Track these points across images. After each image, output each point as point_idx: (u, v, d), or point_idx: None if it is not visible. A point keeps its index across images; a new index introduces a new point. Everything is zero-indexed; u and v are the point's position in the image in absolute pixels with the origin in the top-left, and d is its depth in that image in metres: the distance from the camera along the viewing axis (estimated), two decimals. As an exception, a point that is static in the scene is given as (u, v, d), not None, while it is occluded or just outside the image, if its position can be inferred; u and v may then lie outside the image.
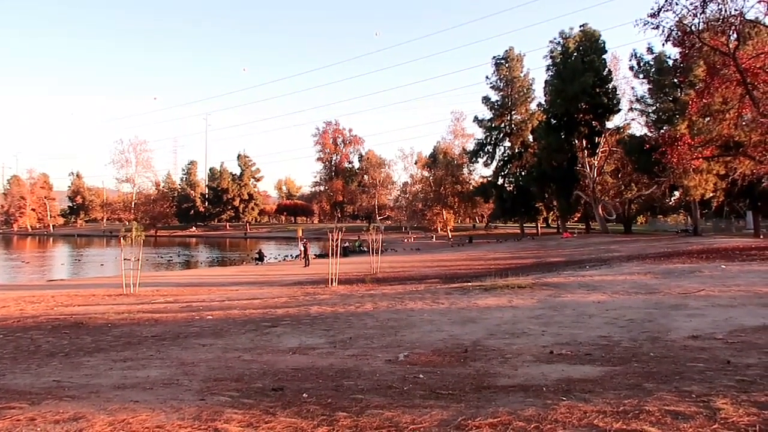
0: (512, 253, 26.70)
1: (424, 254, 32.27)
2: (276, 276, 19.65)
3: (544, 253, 24.64)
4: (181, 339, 6.31)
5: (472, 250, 34.03)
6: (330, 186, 77.85)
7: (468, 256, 27.25)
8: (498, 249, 32.04)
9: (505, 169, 49.43)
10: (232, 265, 31.09)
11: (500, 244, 38.64)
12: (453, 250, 36.10)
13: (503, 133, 48.92)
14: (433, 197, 54.80)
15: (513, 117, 48.56)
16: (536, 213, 49.45)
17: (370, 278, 15.64)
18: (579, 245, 28.17)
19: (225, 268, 27.95)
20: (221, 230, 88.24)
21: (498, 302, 8.08)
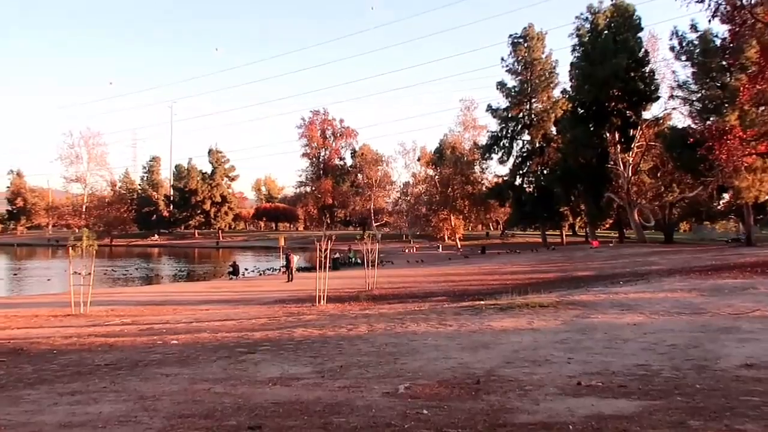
0: (532, 266, 26.72)
1: (428, 267, 32.25)
2: (254, 293, 19.58)
3: (570, 266, 24.68)
4: (140, 368, 6.28)
5: (486, 262, 34.04)
6: (317, 186, 77.99)
7: (480, 269, 27.27)
8: (516, 261, 32.08)
9: (523, 167, 49.62)
10: (201, 280, 31.00)
11: (518, 256, 38.65)
12: (463, 262, 36.12)
13: (521, 124, 49.16)
14: (440, 200, 54.91)
15: (533, 105, 48.82)
16: (560, 219, 49.60)
17: (365, 295, 15.62)
18: (611, 257, 28.23)
19: (193, 284, 27.83)
20: (189, 239, 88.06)
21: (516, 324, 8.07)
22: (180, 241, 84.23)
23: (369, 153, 74.72)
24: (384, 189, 69.98)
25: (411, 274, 26.80)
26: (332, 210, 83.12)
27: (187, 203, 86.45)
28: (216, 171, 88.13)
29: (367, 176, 69.10)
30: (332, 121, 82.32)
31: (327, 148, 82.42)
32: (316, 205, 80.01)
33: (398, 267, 34.73)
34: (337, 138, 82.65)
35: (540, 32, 47.64)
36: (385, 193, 70.72)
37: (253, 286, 23.22)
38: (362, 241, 20.03)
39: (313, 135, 79.97)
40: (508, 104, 48.77)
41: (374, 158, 70.75)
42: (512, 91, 48.41)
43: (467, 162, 54.52)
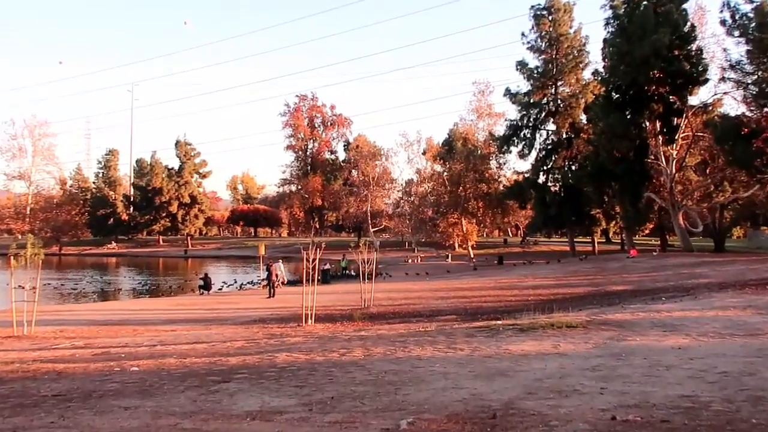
0: (558, 279, 26.75)
1: (435, 280, 32.27)
2: (229, 311, 19.58)
3: (603, 279, 24.70)
4: (94, 399, 6.27)
5: (504, 274, 34.07)
6: (304, 185, 78.16)
7: (497, 282, 27.30)
8: (539, 273, 32.12)
9: (548, 162, 49.74)
10: (167, 296, 31.00)
11: (542, 267, 38.68)
12: (476, 274, 36.15)
13: (545, 111, 49.30)
14: (449, 201, 54.97)
15: (559, 89, 48.97)
16: (592, 223, 49.70)
17: (361, 314, 15.63)
18: (651, 268, 28.26)
19: (157, 300, 27.84)
20: (152, 246, 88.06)
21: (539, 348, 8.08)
22: (142, 250, 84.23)
23: (365, 145, 74.93)
24: (383, 188, 70.01)
25: (415, 288, 26.81)
26: (322, 213, 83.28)
27: (150, 205, 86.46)
28: (184, 166, 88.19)
29: (363, 173, 69.12)
30: (322, 108, 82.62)
31: (316, 140, 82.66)
32: (303, 206, 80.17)
33: (400, 280, 34.73)
34: (327, 127, 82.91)
35: (567, 3, 47.84)
36: (384, 193, 70.75)
37: (228, 303, 23.19)
38: (357, 250, 20.04)
39: (300, 124, 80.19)
40: (530, 88, 48.90)
41: (371, 151, 70.87)
42: (534, 73, 48.54)
43: (481, 156, 54.65)
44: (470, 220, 55.44)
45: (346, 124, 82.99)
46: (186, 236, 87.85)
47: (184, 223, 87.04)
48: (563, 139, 48.82)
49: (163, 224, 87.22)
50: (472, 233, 55.28)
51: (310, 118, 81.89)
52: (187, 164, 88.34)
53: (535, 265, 41.56)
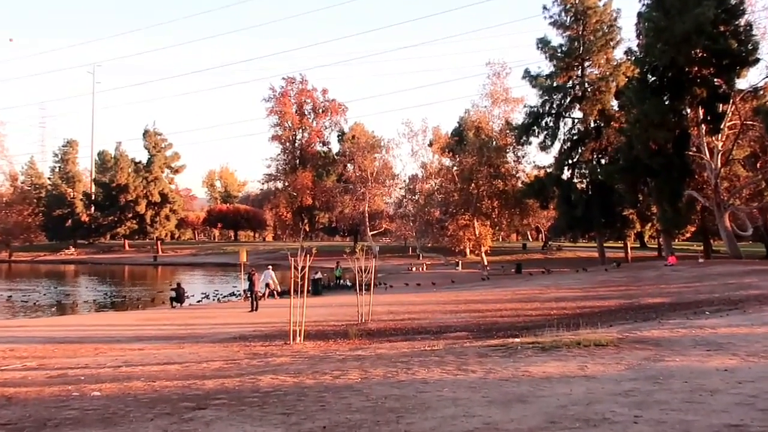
0: (586, 290, 26.75)
1: (443, 292, 32.27)
2: (205, 326, 19.57)
3: (638, 291, 24.68)
4: (49, 429, 6.26)
5: (522, 284, 34.07)
6: (292, 181, 78.27)
7: (515, 294, 27.29)
8: (563, 283, 32.12)
9: (573, 155, 49.80)
10: (133, 309, 31.02)
11: (567, 276, 38.65)
12: (491, 285, 36.15)
13: (571, 96, 49.35)
14: (459, 200, 55.02)
15: (586, 71, 49.02)
16: (624, 225, 49.74)
17: (357, 330, 15.62)
18: (693, 277, 28.23)
19: (122, 314, 27.85)
20: (116, 252, 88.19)
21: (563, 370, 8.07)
22: (104, 256, 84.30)
23: (362, 135, 75.11)
24: (383, 185, 70.09)
25: (420, 300, 26.79)
26: (312, 213, 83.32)
27: (115, 204, 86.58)
28: (154, 160, 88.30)
29: (359, 167, 69.21)
30: (312, 92, 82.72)
31: (305, 129, 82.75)
32: (291, 206, 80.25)
33: (402, 291, 34.73)
34: (318, 115, 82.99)
35: (596, -29, 47.95)
36: (384, 191, 70.84)
37: (205, 317, 23.18)
38: (353, 256, 20.03)
39: (287, 111, 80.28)
40: (553, 69, 48.96)
41: (370, 142, 71.00)
42: (558, 52, 48.60)
43: (497, 148, 54.69)
44: (484, 222, 55.40)
45: (341, 110, 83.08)
46: (156, 240, 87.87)
47: (153, 226, 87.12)
48: (591, 128, 48.83)
49: (129, 226, 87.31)
50: (485, 237, 55.19)
51: (298, 104, 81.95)
52: (157, 157, 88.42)
53: (559, 274, 41.51)
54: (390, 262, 62.43)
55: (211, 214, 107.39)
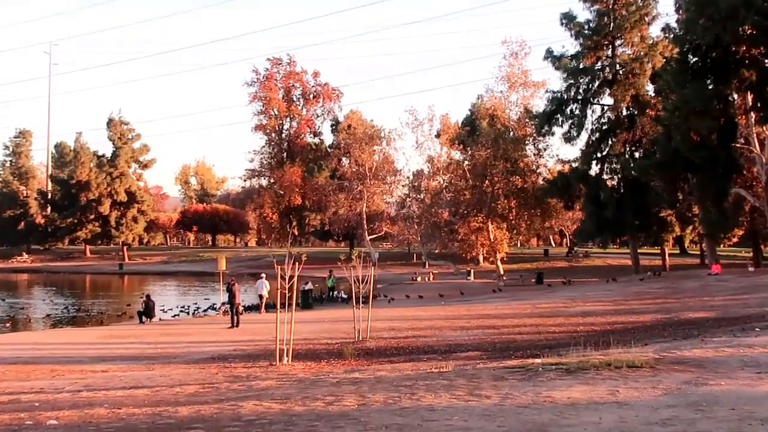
0: (617, 303, 26.74)
1: (453, 305, 32.26)
2: (178, 345, 19.57)
3: (677, 304, 24.67)
4: (-2, 463, 6.25)
5: (544, 296, 34.04)
6: (279, 177, 78.31)
7: (535, 308, 27.29)
8: (591, 295, 32.11)
9: (602, 147, 49.78)
10: (96, 325, 30.98)
11: (595, 287, 38.63)
12: (507, 296, 36.14)
13: (600, 80, 49.32)
14: (471, 199, 55.07)
15: (618, 51, 49.01)
16: (661, 229, 49.70)
17: (354, 349, 15.63)
18: (741, 288, 28.20)
19: (83, 331, 27.81)
20: (77, 259, 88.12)
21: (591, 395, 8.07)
22: (63, 264, 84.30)
23: (360, 125, 75.10)
24: (383, 182, 70.05)
25: (426, 315, 26.79)
26: (302, 215, 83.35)
27: (75, 204, 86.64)
28: (119, 153, 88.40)
29: (356, 161, 69.18)
30: (302, 75, 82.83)
31: (294, 118, 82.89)
32: (277, 206, 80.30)
33: (405, 304, 34.72)
34: (309, 101, 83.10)
35: (629, -66, 47.94)
36: (384, 189, 70.80)
37: (178, 335, 23.16)
38: (349, 264, 19.98)
39: (272, 96, 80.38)
40: (579, 48, 48.94)
41: (368, 133, 70.92)
42: (585, 29, 48.62)
43: (514, 139, 54.74)
44: (499, 225, 55.41)
45: (335, 96, 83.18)
46: (121, 246, 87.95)
47: (118, 229, 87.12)
48: (623, 116, 48.82)
49: (91, 230, 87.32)
50: (501, 242, 55.24)
51: (286, 89, 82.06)
52: (123, 150, 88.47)
53: (586, 285, 41.46)
54: (391, 271, 62.39)
55: (185, 216, 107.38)
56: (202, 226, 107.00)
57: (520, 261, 61.91)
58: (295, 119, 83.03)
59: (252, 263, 75.14)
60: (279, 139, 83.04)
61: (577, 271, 54.08)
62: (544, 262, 63.23)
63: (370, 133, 71.15)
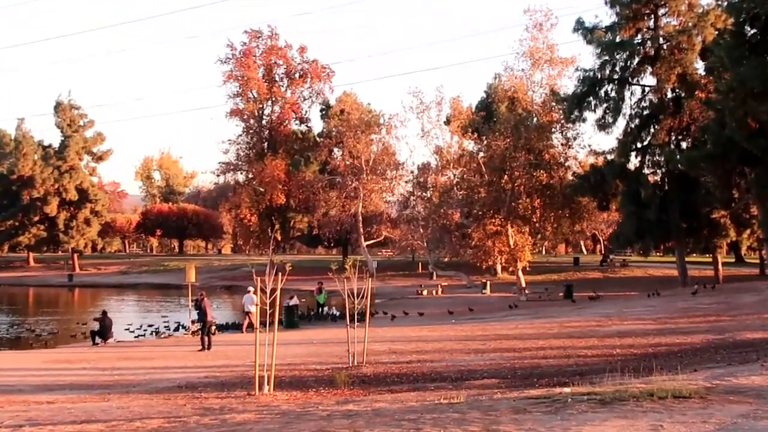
0: (661, 322, 26.73)
1: (466, 323, 32.25)
2: (139, 371, 19.54)
3: (732, 322, 24.65)
4: None
5: (574, 313, 34.02)
6: (259, 172, 78.08)
7: (563, 327, 27.28)
8: (630, 312, 32.10)
9: (643, 136, 49.69)
10: (41, 347, 30.91)
11: (635, 302, 38.59)
12: (530, 313, 36.13)
13: (640, 56, 49.24)
14: (487, 197, 54.97)
15: (661, 21, 48.94)
16: (714, 233, 49.53)
17: (347, 376, 15.61)
18: (808, 304, 28.16)
19: (25, 354, 27.81)
20: (17, 269, 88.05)
21: (630, 430, 8.06)
22: (1, 274, 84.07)
23: (355, 109, 74.85)
24: (382, 177, 70.17)
25: (433, 335, 26.78)
26: (286, 216, 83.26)
27: (15, 203, 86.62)
28: (69, 143, 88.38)
29: (350, 153, 69.27)
30: (286, 51, 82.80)
31: (276, 101, 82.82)
32: (256, 206, 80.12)
33: (409, 322, 34.72)
34: (294, 82, 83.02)
35: None
36: (384, 186, 70.89)
37: (139, 359, 23.12)
38: (342, 275, 19.97)
39: (251, 76, 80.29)
40: (616, 19, 48.86)
41: (364, 119, 70.92)
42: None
43: (539, 127, 54.66)
44: (520, 229, 55.27)
45: (325, 76, 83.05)
46: (71, 253, 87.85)
47: (68, 233, 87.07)
48: (668, 99, 48.77)
49: (35, 234, 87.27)
50: (523, 249, 54.99)
51: (267, 67, 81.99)
52: (74, 139, 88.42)
53: (624, 299, 41.42)
54: (392, 283, 62.42)
55: (147, 218, 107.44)
56: (167, 229, 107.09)
57: (545, 271, 61.90)
58: (277, 103, 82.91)
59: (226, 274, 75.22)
60: (258, 126, 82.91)
61: (612, 283, 54.04)
62: (573, 272, 63.20)
63: (366, 119, 71.16)
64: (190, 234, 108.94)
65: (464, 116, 61.39)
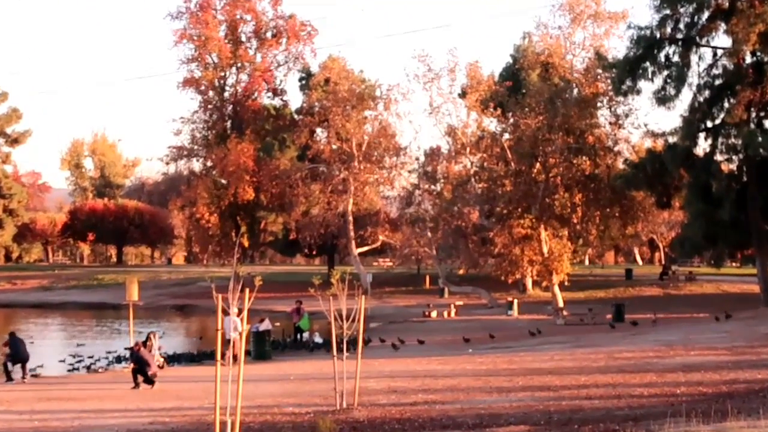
0: (737, 352, 26.69)
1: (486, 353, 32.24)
2: (66, 415, 19.49)
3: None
4: None
5: (625, 341, 34.03)
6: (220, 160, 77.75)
7: (612, 358, 27.26)
8: (698, 339, 32.07)
9: (714, 113, 49.65)
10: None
11: (704, 326, 38.54)
12: (569, 340, 36.14)
13: (711, 9, 49.24)
14: (514, 191, 54.93)
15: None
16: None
17: (334, 422, 15.59)
18: None
19: None
20: None
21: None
22: None
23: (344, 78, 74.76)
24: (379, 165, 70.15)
25: (445, 369, 26.77)
26: (255, 216, 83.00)
27: None
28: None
29: (338, 135, 69.24)
30: (255, 2, 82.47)
31: (243, 67, 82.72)
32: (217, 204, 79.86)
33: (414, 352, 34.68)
34: (266, 43, 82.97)
35: None
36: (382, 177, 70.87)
37: (66, 399, 23.09)
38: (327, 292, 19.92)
39: (210, 34, 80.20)
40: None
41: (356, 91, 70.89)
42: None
43: (580, 101, 54.71)
44: (557, 232, 55.33)
45: (305, 35, 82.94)
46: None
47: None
48: (746, 65, 48.76)
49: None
50: (561, 258, 54.89)
51: (230, 24, 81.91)
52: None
53: (689, 323, 41.38)
54: (392, 302, 62.41)
55: (76, 218, 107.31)
56: (101, 233, 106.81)
57: (588, 287, 61.91)
58: (244, 70, 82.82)
59: (178, 290, 75.16)
60: (220, 100, 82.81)
61: (675, 302, 54.10)
62: (625, 288, 63.21)
63: (359, 91, 71.13)
64: (131, 239, 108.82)
65: (484, 87, 61.26)
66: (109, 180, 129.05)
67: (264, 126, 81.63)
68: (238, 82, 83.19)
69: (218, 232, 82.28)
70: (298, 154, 76.95)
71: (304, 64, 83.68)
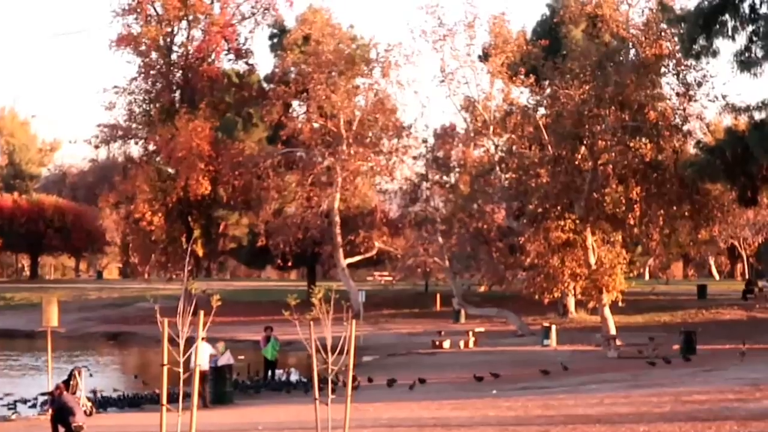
0: None
1: (514, 394, 32.33)
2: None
3: None
4: None
5: (697, 378, 34.14)
6: (166, 143, 77.66)
7: (680, 402, 27.35)
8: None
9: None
10: None
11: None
12: (623, 378, 36.25)
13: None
14: (552, 183, 54.97)
15: None
16: None
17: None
18: None
19: None
20: None
21: None
22: None
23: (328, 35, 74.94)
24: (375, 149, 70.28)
25: (459, 417, 26.89)
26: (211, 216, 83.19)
27: None
28: None
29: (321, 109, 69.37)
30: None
31: (195, 21, 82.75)
32: (162, 200, 79.94)
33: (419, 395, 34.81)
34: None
35: None
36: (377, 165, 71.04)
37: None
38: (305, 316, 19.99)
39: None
40: None
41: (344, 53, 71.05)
42: None
43: (638, 66, 54.77)
44: (608, 236, 55.46)
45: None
46: None
47: None
48: None
49: None
50: (613, 271, 54.93)
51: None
52: None
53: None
54: (392, 328, 62.66)
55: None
56: (10, 238, 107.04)
57: (650, 308, 62.12)
58: (197, 24, 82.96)
59: (111, 313, 75.41)
60: (166, 64, 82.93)
61: (763, 327, 54.25)
62: (697, 309, 63.39)
63: (348, 52, 71.36)
64: (49, 246, 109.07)
65: (513, 47, 61.36)
66: (20, 169, 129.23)
67: (223, 98, 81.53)
68: (189, 41, 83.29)
69: (163, 236, 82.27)
70: (268, 135, 76.82)
71: (276, 18, 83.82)
